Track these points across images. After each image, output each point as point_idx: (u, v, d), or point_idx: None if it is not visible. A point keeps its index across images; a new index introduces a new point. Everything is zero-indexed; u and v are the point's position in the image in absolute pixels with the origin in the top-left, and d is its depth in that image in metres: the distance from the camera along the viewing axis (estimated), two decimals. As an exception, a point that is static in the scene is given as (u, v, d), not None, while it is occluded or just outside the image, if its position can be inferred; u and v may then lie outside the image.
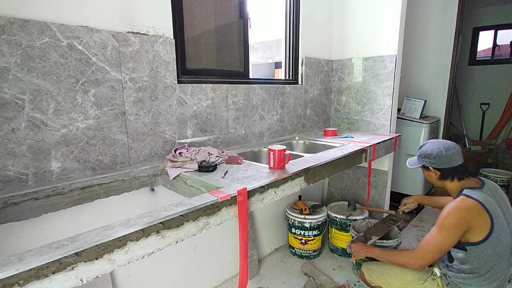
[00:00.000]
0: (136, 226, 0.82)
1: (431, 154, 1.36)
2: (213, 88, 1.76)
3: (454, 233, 1.20)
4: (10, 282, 0.63)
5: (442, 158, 1.34)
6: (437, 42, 3.21)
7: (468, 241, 1.23)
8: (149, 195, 1.52)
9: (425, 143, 1.45)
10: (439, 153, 1.34)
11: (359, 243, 1.61)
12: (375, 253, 1.48)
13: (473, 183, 1.32)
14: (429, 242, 1.26)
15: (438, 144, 1.38)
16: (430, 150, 1.37)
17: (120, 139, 1.39)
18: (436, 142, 1.40)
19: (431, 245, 1.25)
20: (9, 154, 1.10)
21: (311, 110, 2.56)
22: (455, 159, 1.33)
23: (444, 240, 1.22)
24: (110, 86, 1.32)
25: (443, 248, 1.23)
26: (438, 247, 1.23)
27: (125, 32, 1.35)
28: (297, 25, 2.34)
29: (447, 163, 1.33)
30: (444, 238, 1.22)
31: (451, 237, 1.21)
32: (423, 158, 1.41)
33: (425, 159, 1.40)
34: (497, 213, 1.21)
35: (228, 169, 1.39)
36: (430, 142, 1.42)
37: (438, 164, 1.35)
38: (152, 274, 1.64)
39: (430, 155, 1.37)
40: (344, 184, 2.76)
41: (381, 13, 2.34)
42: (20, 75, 1.08)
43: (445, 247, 1.23)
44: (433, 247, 1.24)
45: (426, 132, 2.96)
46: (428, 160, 1.38)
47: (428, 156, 1.38)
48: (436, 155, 1.35)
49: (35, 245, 1.09)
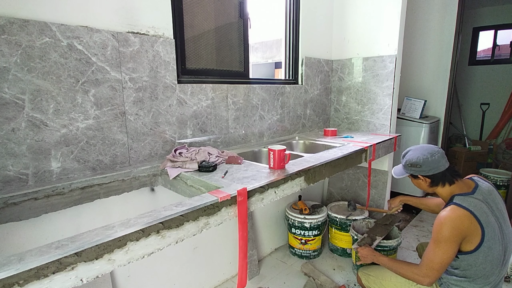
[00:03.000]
0: (136, 226, 0.82)
1: (418, 162, 1.32)
2: (213, 88, 1.76)
3: (451, 245, 1.18)
4: (10, 282, 0.63)
5: (430, 164, 1.30)
6: (437, 42, 3.21)
7: (460, 250, 1.21)
8: (149, 195, 1.52)
9: (407, 150, 1.41)
10: (425, 159, 1.31)
11: (366, 248, 1.60)
12: (383, 262, 1.46)
13: (464, 187, 1.28)
14: (431, 259, 1.22)
15: (422, 150, 1.34)
16: (416, 158, 1.33)
17: (120, 139, 1.39)
18: (419, 148, 1.37)
19: (433, 262, 1.21)
20: (9, 154, 1.10)
21: (311, 110, 2.56)
22: (442, 163, 1.30)
23: (443, 254, 1.19)
24: (110, 86, 1.32)
25: (444, 262, 1.20)
26: (439, 263, 1.20)
27: (125, 32, 1.35)
28: (297, 25, 2.34)
29: (436, 169, 1.30)
30: (443, 252, 1.19)
31: (450, 250, 1.18)
32: (410, 167, 1.36)
33: (412, 167, 1.35)
34: (489, 221, 1.18)
35: (228, 169, 1.39)
36: (412, 149, 1.39)
37: (426, 171, 1.31)
38: (152, 274, 1.64)
39: (417, 163, 1.33)
40: (344, 184, 2.76)
41: (381, 13, 2.34)
42: (20, 75, 1.08)
43: (447, 261, 1.20)
44: (435, 264, 1.21)
45: (426, 132, 2.95)
46: (415, 169, 1.34)
47: (415, 165, 1.33)
48: (422, 162, 1.31)
49: (35, 245, 1.09)
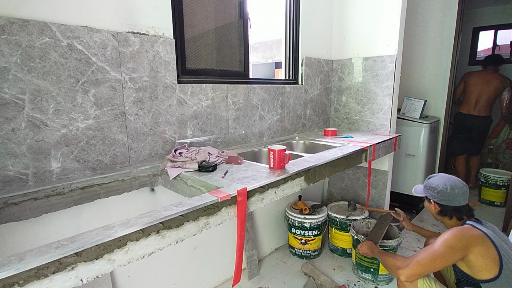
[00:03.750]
0: (136, 226, 0.82)
1: (436, 188, 1.36)
2: (213, 88, 1.76)
3: (451, 253, 1.18)
4: (10, 282, 0.63)
5: (445, 195, 1.33)
6: (437, 42, 3.21)
7: (481, 278, 1.19)
8: (149, 195, 1.52)
9: (435, 175, 1.44)
10: (443, 189, 1.33)
11: (369, 242, 1.66)
12: (377, 254, 1.52)
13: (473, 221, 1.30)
14: (423, 255, 1.22)
15: (446, 180, 1.36)
16: (436, 184, 1.37)
17: (120, 139, 1.39)
18: (445, 177, 1.39)
19: (424, 259, 1.21)
20: (9, 154, 1.10)
21: (311, 110, 2.56)
22: (458, 199, 1.31)
23: (438, 257, 1.18)
24: (110, 86, 1.32)
25: (434, 264, 1.19)
26: (430, 262, 1.19)
27: (125, 32, 1.35)
28: (297, 25, 2.34)
29: (449, 201, 1.32)
30: (439, 255, 1.18)
31: (447, 257, 1.18)
32: (428, 189, 1.41)
33: (429, 191, 1.40)
34: (502, 245, 1.19)
35: (228, 169, 1.39)
36: (440, 175, 1.41)
37: (439, 200, 1.35)
38: (152, 274, 1.64)
39: (435, 189, 1.36)
40: (344, 184, 2.76)
41: (381, 13, 2.34)
42: (20, 75, 1.08)
43: (437, 265, 1.19)
44: (425, 261, 1.20)
45: (426, 132, 2.95)
46: (431, 193, 1.38)
47: (433, 190, 1.38)
48: (440, 190, 1.34)
49: (35, 245, 1.10)
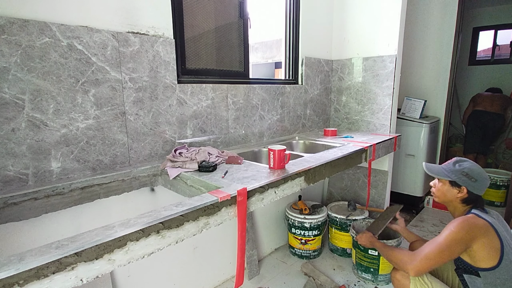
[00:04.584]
0: (136, 226, 0.82)
1: (475, 177, 1.28)
2: (213, 88, 1.76)
3: (457, 245, 1.18)
4: (10, 282, 0.63)
5: (482, 185, 1.28)
6: (437, 42, 3.21)
7: (481, 267, 1.19)
8: (149, 195, 1.52)
9: (465, 160, 1.35)
10: (483, 179, 1.28)
11: (365, 234, 1.66)
12: (378, 247, 1.53)
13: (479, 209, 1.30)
14: (430, 249, 1.22)
15: (482, 169, 1.31)
16: (476, 173, 1.28)
17: (120, 139, 1.39)
18: (478, 165, 1.32)
19: (431, 252, 1.21)
20: (9, 154, 1.09)
21: (311, 110, 2.56)
22: (483, 190, 1.30)
23: (446, 250, 1.19)
24: (110, 86, 1.32)
25: (442, 256, 1.20)
26: (438, 255, 1.20)
27: (125, 32, 1.35)
28: (297, 25, 2.34)
29: (480, 191, 1.29)
30: (446, 248, 1.19)
31: (453, 249, 1.18)
32: (463, 175, 1.29)
33: (464, 177, 1.29)
34: (505, 236, 1.19)
35: (228, 169, 1.39)
36: (471, 162, 1.33)
37: (473, 189, 1.28)
38: (152, 274, 1.64)
39: (473, 177, 1.28)
40: (344, 184, 2.76)
41: (381, 13, 2.34)
42: (20, 75, 1.08)
43: (445, 258, 1.20)
44: (433, 254, 1.20)
45: (426, 132, 2.95)
46: (468, 180, 1.29)
47: (471, 177, 1.28)
48: (480, 179, 1.28)
49: (35, 245, 1.10)
